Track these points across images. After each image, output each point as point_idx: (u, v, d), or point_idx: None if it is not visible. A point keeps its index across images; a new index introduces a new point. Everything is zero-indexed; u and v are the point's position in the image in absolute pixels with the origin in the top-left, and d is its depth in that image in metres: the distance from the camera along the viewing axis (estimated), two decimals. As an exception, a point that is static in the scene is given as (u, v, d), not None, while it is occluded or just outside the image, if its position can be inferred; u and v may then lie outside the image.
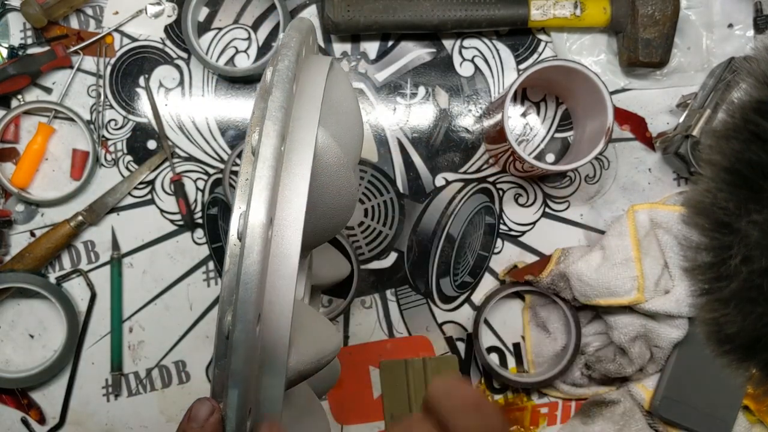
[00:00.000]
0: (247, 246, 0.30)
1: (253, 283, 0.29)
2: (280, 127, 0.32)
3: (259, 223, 0.30)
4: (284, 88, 0.33)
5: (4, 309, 0.73)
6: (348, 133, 0.40)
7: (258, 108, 0.36)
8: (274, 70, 0.34)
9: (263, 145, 0.31)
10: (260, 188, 0.31)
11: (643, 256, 0.67)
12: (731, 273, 0.30)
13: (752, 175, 0.29)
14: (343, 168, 0.37)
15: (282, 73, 0.34)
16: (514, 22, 0.70)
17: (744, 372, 0.32)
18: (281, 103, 0.33)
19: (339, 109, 0.39)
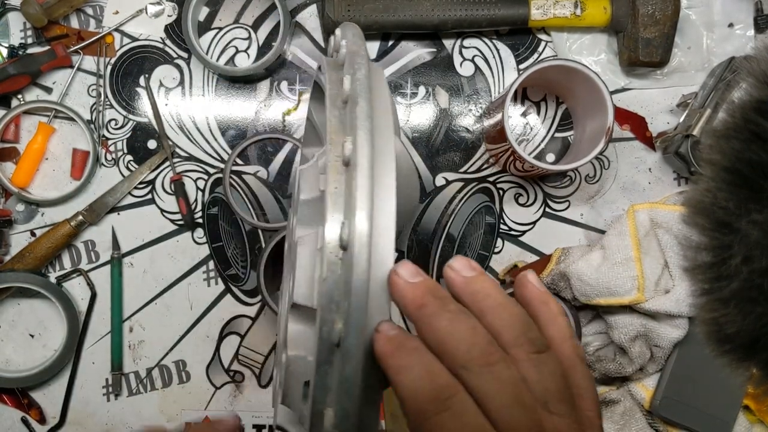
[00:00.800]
0: (356, 255, 0.31)
1: (364, 292, 0.31)
2: (371, 137, 0.33)
3: (366, 232, 0.31)
4: (367, 98, 0.34)
5: (5, 308, 0.73)
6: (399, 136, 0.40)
7: (333, 116, 0.36)
8: (354, 79, 0.35)
9: (359, 155, 0.32)
10: (363, 198, 0.32)
11: (643, 255, 0.67)
12: (731, 273, 0.30)
13: (752, 175, 0.29)
14: (413, 172, 0.39)
15: (362, 83, 0.35)
16: (514, 22, 0.70)
17: (744, 372, 0.32)
18: (368, 113, 0.34)
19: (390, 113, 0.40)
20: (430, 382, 0.28)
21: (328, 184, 0.34)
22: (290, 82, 0.74)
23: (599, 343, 0.71)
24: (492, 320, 0.31)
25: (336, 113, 0.37)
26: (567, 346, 0.33)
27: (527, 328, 0.31)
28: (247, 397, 0.73)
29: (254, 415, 0.73)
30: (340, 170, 0.34)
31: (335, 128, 0.36)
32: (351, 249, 0.31)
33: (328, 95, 0.37)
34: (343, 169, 0.34)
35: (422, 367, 0.29)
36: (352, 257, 0.31)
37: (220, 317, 0.73)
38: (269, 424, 0.73)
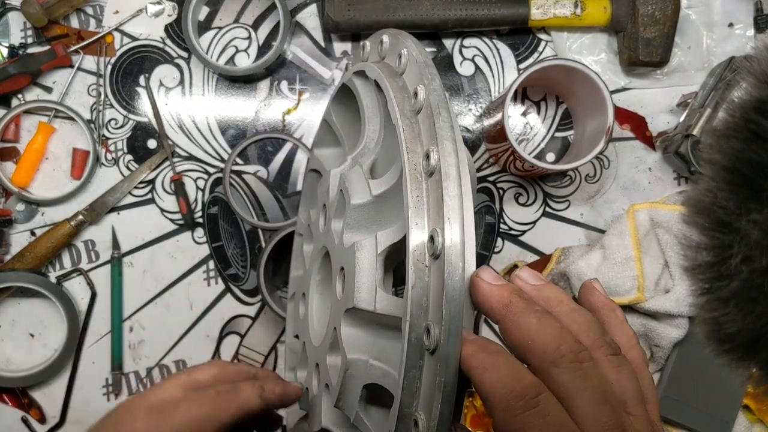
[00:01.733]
0: (453, 264, 0.32)
1: (460, 299, 0.31)
2: (455, 147, 0.34)
3: (459, 241, 0.32)
4: (447, 107, 0.35)
5: (5, 308, 0.73)
6: None
7: (405, 125, 0.37)
8: (430, 90, 0.36)
9: (447, 165, 0.33)
10: (456, 208, 0.33)
11: (643, 255, 0.67)
12: (731, 272, 0.30)
13: (753, 175, 0.29)
14: (475, 178, 0.41)
15: (439, 93, 0.36)
16: (514, 22, 0.70)
17: (744, 371, 0.32)
18: (450, 123, 0.35)
19: None
20: (518, 380, 0.29)
21: (408, 193, 0.34)
22: (290, 81, 0.74)
23: (599, 343, 0.71)
24: (569, 324, 0.32)
25: (407, 122, 0.38)
26: (635, 352, 0.34)
27: (602, 332, 0.32)
28: (247, 397, 0.73)
29: (254, 415, 0.73)
30: (419, 179, 0.35)
31: (412, 137, 0.37)
32: (444, 257, 0.32)
33: (396, 104, 0.38)
34: (423, 178, 0.35)
35: (508, 367, 0.30)
36: (448, 266, 0.32)
37: (220, 317, 0.73)
38: (269, 424, 0.73)
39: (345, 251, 0.42)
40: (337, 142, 0.57)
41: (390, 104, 0.39)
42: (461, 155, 0.34)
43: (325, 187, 0.49)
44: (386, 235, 0.40)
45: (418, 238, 0.34)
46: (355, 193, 0.43)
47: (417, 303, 0.33)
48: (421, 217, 0.34)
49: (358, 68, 0.47)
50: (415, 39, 0.42)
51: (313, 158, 0.59)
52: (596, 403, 0.29)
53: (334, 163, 0.56)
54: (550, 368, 0.30)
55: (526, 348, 0.31)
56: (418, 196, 0.35)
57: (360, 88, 0.47)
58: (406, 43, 0.41)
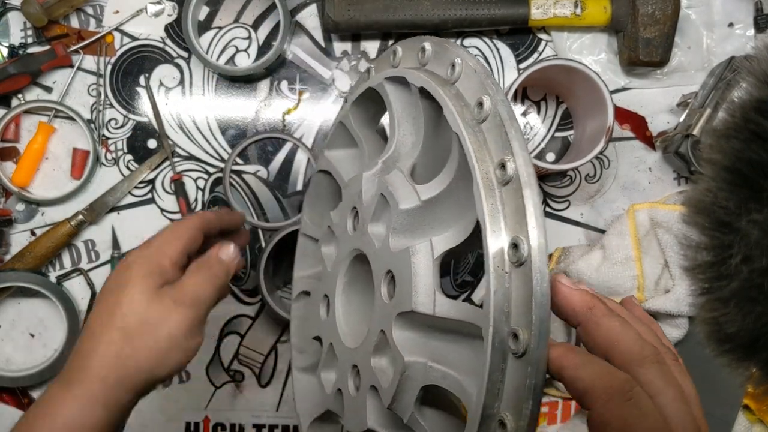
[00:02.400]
0: (540, 270, 0.33)
1: (547, 304, 0.33)
2: (530, 157, 0.36)
3: (543, 248, 0.33)
4: (515, 119, 0.37)
5: (5, 308, 0.73)
6: None
7: (469, 134, 0.38)
8: (497, 100, 0.38)
9: (528, 174, 0.35)
10: (538, 216, 0.34)
11: (643, 255, 0.67)
12: (731, 272, 0.30)
13: (753, 175, 0.29)
14: None
15: (506, 103, 0.38)
16: (514, 21, 0.70)
17: (744, 371, 0.32)
18: (522, 133, 0.36)
19: None
20: (613, 376, 0.32)
21: (483, 201, 0.35)
22: (290, 81, 0.74)
23: (599, 343, 0.71)
24: (639, 330, 0.35)
25: (470, 131, 0.39)
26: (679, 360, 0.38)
27: (664, 340, 0.36)
28: (247, 397, 0.73)
29: (254, 415, 0.73)
30: (491, 187, 0.36)
31: (476, 146, 0.38)
32: (531, 264, 0.33)
33: (458, 114, 0.39)
34: (496, 186, 0.36)
35: (600, 365, 0.32)
36: (535, 272, 0.33)
37: (220, 317, 0.73)
38: (269, 424, 0.73)
39: (393, 255, 0.43)
40: (350, 144, 0.57)
41: (448, 112, 0.40)
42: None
43: (355, 190, 0.49)
44: (443, 240, 0.41)
45: (496, 246, 0.35)
46: (403, 197, 0.43)
47: (499, 309, 0.34)
48: (497, 224, 0.35)
49: (394, 74, 0.47)
50: (463, 48, 0.43)
51: (324, 160, 0.59)
52: (677, 401, 0.32)
53: (348, 165, 0.57)
54: (635, 368, 0.32)
55: (610, 348, 0.33)
56: (492, 205, 0.36)
57: (391, 94, 0.48)
58: (458, 53, 0.42)
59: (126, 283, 0.47)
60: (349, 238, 0.50)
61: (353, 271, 0.51)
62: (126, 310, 0.46)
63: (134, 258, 0.48)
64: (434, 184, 0.43)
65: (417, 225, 0.44)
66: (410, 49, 0.48)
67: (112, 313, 0.46)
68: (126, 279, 0.47)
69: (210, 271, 0.50)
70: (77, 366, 0.46)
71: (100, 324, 0.46)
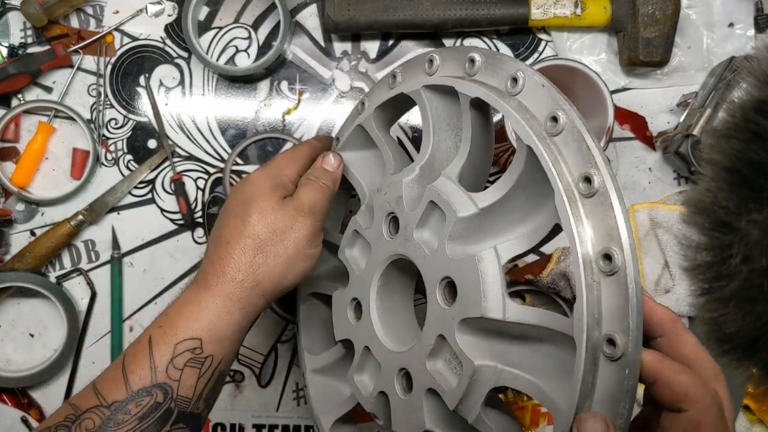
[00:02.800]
0: (635, 280, 0.35)
1: (641, 311, 0.35)
2: (612, 170, 0.38)
3: (633, 256, 0.36)
4: (590, 133, 0.39)
5: (5, 308, 0.73)
6: None
7: (545, 147, 0.40)
8: (572, 114, 0.40)
9: (612, 187, 0.37)
10: (626, 228, 0.37)
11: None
12: (731, 272, 0.30)
13: (752, 175, 0.29)
14: None
15: (580, 117, 0.40)
16: (514, 22, 0.70)
17: (744, 371, 0.32)
18: (600, 147, 0.39)
19: None
20: (707, 387, 0.35)
21: (569, 213, 0.38)
22: (290, 81, 0.74)
23: (599, 343, 0.71)
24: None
25: (545, 144, 0.40)
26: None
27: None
28: (247, 397, 0.73)
29: (254, 415, 0.73)
30: (573, 199, 0.39)
31: (552, 159, 0.40)
32: (626, 274, 0.36)
33: (530, 127, 0.41)
34: (578, 198, 0.38)
35: (693, 374, 0.36)
36: (630, 282, 0.35)
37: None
38: (269, 424, 0.73)
39: (452, 262, 0.44)
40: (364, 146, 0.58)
41: (516, 123, 0.42)
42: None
43: (392, 195, 0.50)
44: (510, 247, 0.43)
45: (585, 256, 0.37)
46: (459, 205, 0.44)
47: (591, 315, 0.36)
48: (584, 235, 0.38)
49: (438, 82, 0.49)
50: (525, 65, 0.45)
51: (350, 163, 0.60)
52: (732, 410, 0.37)
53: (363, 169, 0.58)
54: (712, 382, 0.36)
55: (693, 361, 0.37)
56: (577, 216, 0.38)
57: (428, 101, 0.50)
58: (518, 66, 0.44)
59: (253, 196, 0.51)
60: (386, 244, 0.51)
61: (387, 275, 0.53)
62: (255, 219, 0.50)
63: (257, 176, 0.52)
64: (491, 193, 0.44)
65: (472, 232, 0.45)
66: (453, 58, 0.49)
67: (243, 223, 0.50)
68: (252, 193, 0.51)
69: (318, 181, 0.53)
70: (213, 271, 0.49)
71: (231, 233, 0.50)
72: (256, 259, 0.49)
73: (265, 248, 0.49)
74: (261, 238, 0.49)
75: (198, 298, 0.48)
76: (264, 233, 0.50)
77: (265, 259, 0.49)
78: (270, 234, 0.50)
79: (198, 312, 0.48)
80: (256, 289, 0.49)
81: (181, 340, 0.47)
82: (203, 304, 0.48)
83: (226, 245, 0.50)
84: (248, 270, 0.49)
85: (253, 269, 0.49)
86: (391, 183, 0.51)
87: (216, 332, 0.48)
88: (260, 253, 0.49)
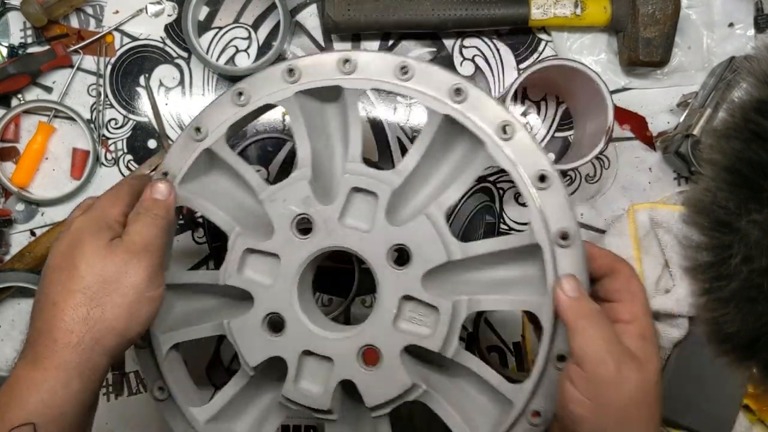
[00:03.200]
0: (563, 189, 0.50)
1: (573, 207, 0.49)
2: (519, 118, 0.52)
3: (557, 173, 0.50)
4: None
5: (5, 308, 0.73)
6: None
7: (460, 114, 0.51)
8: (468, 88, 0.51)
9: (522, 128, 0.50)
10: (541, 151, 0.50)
11: (643, 255, 0.67)
12: (731, 272, 0.30)
13: (752, 175, 0.29)
14: None
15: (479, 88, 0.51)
16: (514, 22, 0.70)
17: (744, 371, 0.32)
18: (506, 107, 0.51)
19: None
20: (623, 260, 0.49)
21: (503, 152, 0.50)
22: (290, 81, 0.74)
23: (599, 343, 0.71)
24: None
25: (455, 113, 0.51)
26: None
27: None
28: (247, 397, 0.73)
29: (254, 415, 0.73)
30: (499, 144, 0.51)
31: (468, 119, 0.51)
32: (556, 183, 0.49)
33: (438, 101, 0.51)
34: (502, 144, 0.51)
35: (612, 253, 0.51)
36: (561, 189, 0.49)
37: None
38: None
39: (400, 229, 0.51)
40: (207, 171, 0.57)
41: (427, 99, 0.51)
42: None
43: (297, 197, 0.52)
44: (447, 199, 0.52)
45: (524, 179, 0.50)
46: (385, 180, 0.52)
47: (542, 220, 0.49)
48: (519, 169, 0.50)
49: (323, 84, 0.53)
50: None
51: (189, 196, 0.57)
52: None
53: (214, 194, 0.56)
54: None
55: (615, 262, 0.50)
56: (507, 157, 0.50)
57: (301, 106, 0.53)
58: (400, 59, 0.51)
59: (77, 244, 0.46)
60: (299, 246, 0.52)
61: (303, 276, 0.53)
62: (84, 270, 0.44)
63: (81, 221, 0.47)
64: (409, 160, 0.52)
65: (403, 197, 0.52)
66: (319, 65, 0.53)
67: (70, 277, 0.44)
68: (76, 241, 0.46)
69: (149, 213, 0.48)
70: (42, 340, 0.43)
71: (58, 291, 0.44)
72: (91, 314, 0.44)
73: (100, 300, 0.44)
74: (93, 289, 0.44)
75: (27, 374, 0.43)
76: (95, 284, 0.44)
77: (102, 313, 0.44)
78: (102, 283, 0.44)
79: (28, 392, 0.42)
80: (96, 348, 0.44)
81: (14, 426, 0.41)
82: (33, 381, 0.42)
83: (53, 306, 0.44)
84: (83, 329, 0.43)
85: (89, 327, 0.43)
86: (286, 189, 0.52)
87: (52, 411, 0.42)
88: (95, 307, 0.44)
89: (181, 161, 0.55)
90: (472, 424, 0.52)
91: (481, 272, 0.52)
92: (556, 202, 0.48)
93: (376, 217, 0.51)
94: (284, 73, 0.53)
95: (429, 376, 0.53)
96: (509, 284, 0.51)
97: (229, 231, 0.54)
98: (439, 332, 0.50)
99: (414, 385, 0.51)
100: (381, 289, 0.51)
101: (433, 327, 0.50)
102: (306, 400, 0.52)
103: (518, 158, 0.49)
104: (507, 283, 0.52)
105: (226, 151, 0.55)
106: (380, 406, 0.52)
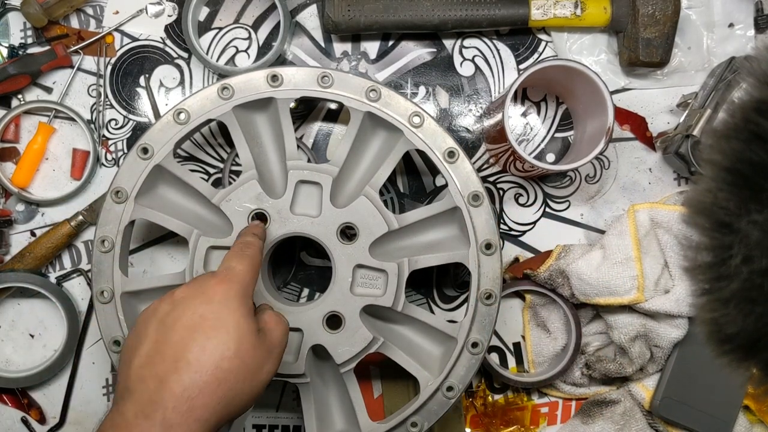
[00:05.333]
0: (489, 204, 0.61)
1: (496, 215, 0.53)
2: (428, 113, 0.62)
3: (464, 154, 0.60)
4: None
5: (5, 309, 0.73)
6: None
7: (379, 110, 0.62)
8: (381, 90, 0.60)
9: (432, 120, 0.60)
10: (452, 140, 0.61)
11: (643, 255, 0.67)
12: (731, 273, 0.30)
13: (753, 175, 0.29)
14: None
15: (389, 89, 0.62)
16: (514, 22, 0.70)
17: (744, 371, 0.32)
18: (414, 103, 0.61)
19: None
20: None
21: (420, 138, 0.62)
22: (290, 82, 0.74)
23: (599, 343, 0.71)
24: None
25: (374, 108, 0.61)
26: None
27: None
28: (247, 397, 0.73)
29: (254, 415, 0.73)
30: (413, 131, 0.61)
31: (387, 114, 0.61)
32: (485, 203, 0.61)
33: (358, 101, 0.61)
34: (415, 130, 0.61)
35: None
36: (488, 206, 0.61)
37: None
38: (269, 424, 0.73)
39: (344, 210, 0.60)
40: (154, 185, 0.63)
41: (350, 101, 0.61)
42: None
43: (250, 195, 0.60)
44: (380, 177, 0.62)
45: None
46: (325, 171, 0.62)
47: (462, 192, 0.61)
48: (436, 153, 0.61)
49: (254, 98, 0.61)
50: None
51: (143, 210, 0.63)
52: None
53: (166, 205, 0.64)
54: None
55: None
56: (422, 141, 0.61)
57: (238, 118, 0.62)
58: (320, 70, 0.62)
59: (227, 320, 0.45)
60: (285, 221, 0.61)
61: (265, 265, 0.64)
62: (235, 351, 0.44)
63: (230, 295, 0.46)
64: (341, 150, 0.61)
65: (341, 183, 0.62)
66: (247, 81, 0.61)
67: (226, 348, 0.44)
68: (226, 316, 0.45)
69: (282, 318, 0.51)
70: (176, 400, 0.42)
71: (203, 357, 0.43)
72: (228, 394, 0.44)
73: (240, 384, 0.44)
74: (236, 373, 0.44)
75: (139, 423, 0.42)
76: (239, 368, 0.44)
77: (236, 397, 0.44)
78: (245, 372, 0.45)
79: None
80: (220, 423, 0.44)
81: None
82: None
83: (198, 371, 0.43)
84: (217, 407, 0.43)
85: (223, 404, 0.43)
86: (238, 190, 0.60)
87: None
88: (233, 390, 0.44)
89: (133, 179, 0.61)
90: (425, 363, 0.62)
91: (416, 237, 0.63)
92: (466, 171, 0.60)
93: (323, 203, 0.60)
94: (219, 91, 0.61)
95: (383, 329, 0.63)
96: (439, 243, 0.63)
97: (188, 234, 0.61)
98: (389, 291, 0.60)
99: (374, 338, 0.60)
100: (336, 263, 0.61)
101: (383, 287, 0.60)
102: (282, 368, 0.59)
103: (429, 140, 0.60)
104: (437, 243, 0.63)
105: (175, 165, 0.61)
106: (348, 361, 0.61)
